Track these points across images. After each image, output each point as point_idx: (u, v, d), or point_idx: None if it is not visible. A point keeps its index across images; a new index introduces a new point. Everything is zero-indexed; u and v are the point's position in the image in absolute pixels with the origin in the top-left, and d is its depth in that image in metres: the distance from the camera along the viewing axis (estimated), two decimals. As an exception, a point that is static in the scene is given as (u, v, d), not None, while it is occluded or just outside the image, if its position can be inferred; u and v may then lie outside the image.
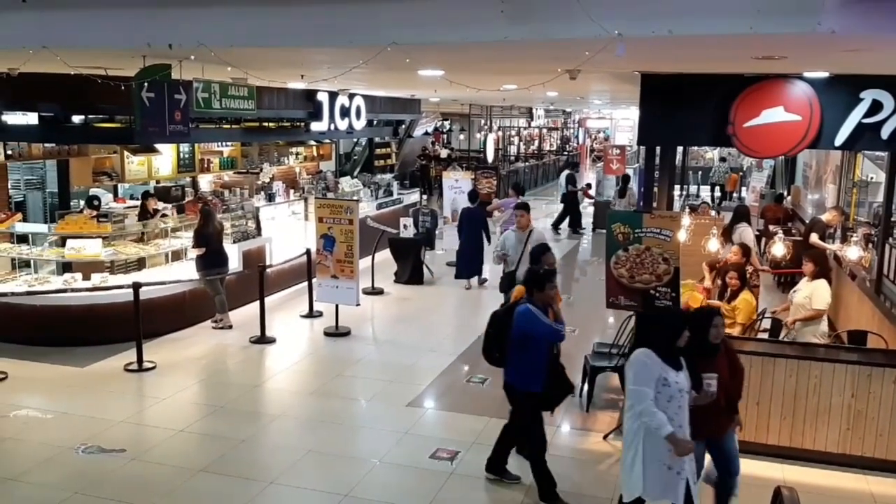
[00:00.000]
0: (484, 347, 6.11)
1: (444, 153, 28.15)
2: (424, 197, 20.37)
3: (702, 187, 24.51)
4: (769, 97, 6.48)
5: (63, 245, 9.63)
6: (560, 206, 19.55)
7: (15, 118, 10.79)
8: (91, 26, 5.92)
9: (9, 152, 10.60)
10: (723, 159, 24.16)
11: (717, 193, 23.02)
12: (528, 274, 6.06)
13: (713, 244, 7.80)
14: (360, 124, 15.61)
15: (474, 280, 12.66)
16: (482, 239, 12.46)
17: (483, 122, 26.97)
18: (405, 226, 13.21)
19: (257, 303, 9.75)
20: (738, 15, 4.56)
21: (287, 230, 12.55)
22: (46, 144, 11.10)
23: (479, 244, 12.44)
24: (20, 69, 7.77)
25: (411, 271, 12.87)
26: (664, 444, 4.57)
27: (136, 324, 8.49)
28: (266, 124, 13.55)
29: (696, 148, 25.94)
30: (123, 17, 5.81)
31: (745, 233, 9.75)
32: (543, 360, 5.81)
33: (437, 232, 14.32)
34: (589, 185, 21.32)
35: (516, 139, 33.61)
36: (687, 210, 11.89)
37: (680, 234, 6.60)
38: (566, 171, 20.13)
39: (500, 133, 29.82)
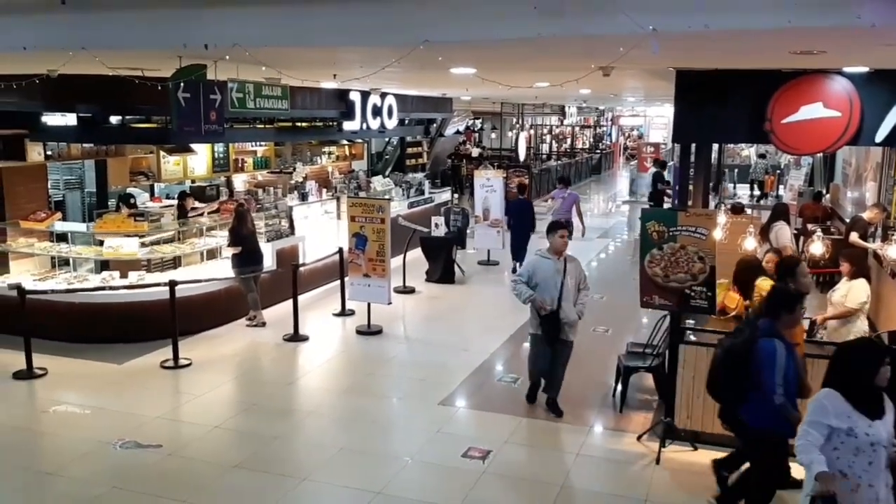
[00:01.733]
0: (710, 383, 5.33)
1: (475, 152, 28.11)
2: (456, 196, 20.36)
3: (738, 185, 24.16)
4: (808, 93, 6.35)
5: (101, 243, 9.79)
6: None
7: (54, 119, 10.99)
8: (128, 27, 6.00)
9: (48, 153, 10.80)
10: (762, 156, 23.79)
11: (756, 191, 22.68)
12: (776, 294, 5.21)
13: (750, 243, 7.66)
14: (391, 123, 15.65)
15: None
16: (529, 227, 13.42)
17: (515, 120, 26.86)
18: (436, 225, 13.22)
19: (291, 301, 9.82)
20: (776, 8, 4.47)
21: (320, 229, 12.64)
22: (85, 145, 11.29)
23: (527, 233, 13.40)
24: (59, 70, 7.92)
25: (442, 270, 12.87)
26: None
27: (172, 321, 8.61)
28: (299, 124, 13.64)
29: (731, 146, 25.60)
30: (160, 19, 5.88)
31: (782, 231, 9.58)
32: (792, 398, 4.96)
33: (468, 231, 14.31)
34: (668, 184, 20.99)
35: (548, 137, 33.44)
36: (722, 208, 11.72)
37: (716, 233, 6.50)
38: (654, 170, 19.88)
39: (531, 131, 29.70)
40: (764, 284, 7.08)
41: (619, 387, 7.61)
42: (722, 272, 6.80)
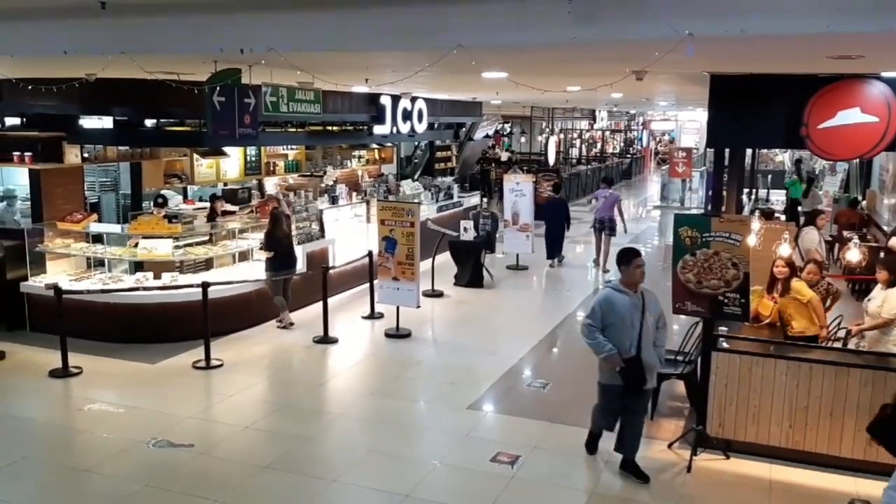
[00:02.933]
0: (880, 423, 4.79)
1: (504, 156, 28.06)
2: (485, 200, 20.36)
3: (771, 191, 23.82)
4: (845, 98, 6.26)
5: (135, 245, 9.93)
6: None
7: (91, 122, 11.21)
8: (167, 32, 6.10)
9: (85, 155, 10.99)
10: (798, 161, 23.45)
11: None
12: None
13: (784, 249, 7.55)
14: (421, 127, 15.70)
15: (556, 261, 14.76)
16: (564, 225, 14.55)
17: (544, 124, 26.77)
18: (465, 229, 13.22)
19: (320, 303, 9.89)
20: (814, 13, 4.43)
21: (349, 232, 12.70)
22: (120, 147, 11.49)
23: (562, 230, 14.57)
24: (97, 74, 8.06)
25: (471, 274, 12.87)
26: None
27: (204, 322, 8.70)
28: (330, 128, 13.75)
29: (765, 151, 25.28)
30: (197, 24, 5.97)
31: (808, 236, 9.52)
32: None
33: (497, 235, 14.30)
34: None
35: (578, 142, 33.26)
36: (756, 214, 11.59)
37: (750, 239, 6.42)
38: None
39: (561, 135, 29.58)
40: (798, 286, 7.04)
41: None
42: (756, 279, 6.72)
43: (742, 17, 4.52)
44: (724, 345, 6.76)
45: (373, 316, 10.81)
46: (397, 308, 10.10)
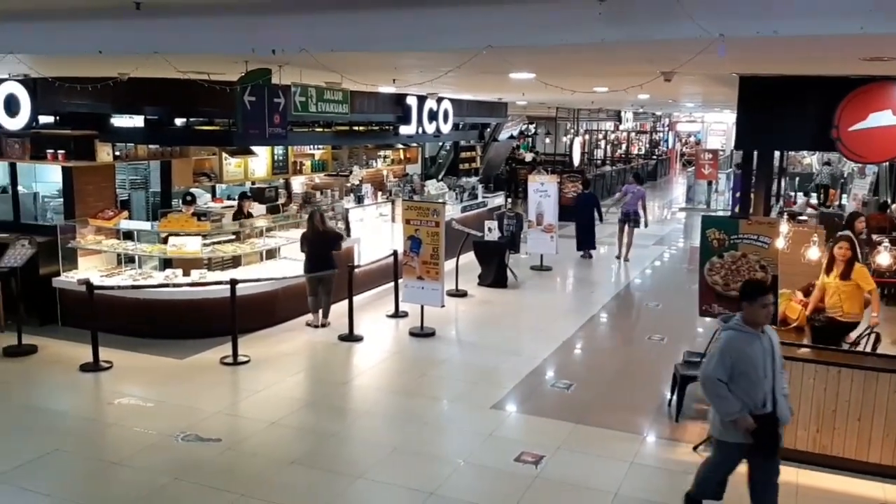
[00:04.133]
0: None
1: (528, 157, 28.02)
2: (509, 200, 20.35)
3: (798, 193, 23.54)
4: (877, 100, 6.23)
5: (165, 241, 10.08)
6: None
7: (122, 121, 11.37)
8: (200, 33, 6.18)
9: (117, 153, 11.15)
10: (827, 163, 23.14)
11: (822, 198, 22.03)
12: None
13: (814, 252, 7.49)
14: (447, 128, 15.71)
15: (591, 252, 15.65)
16: (594, 218, 15.47)
17: (569, 125, 26.68)
18: (489, 229, 13.24)
19: (346, 301, 9.96)
20: (848, 14, 4.39)
21: (375, 231, 12.77)
22: (151, 146, 11.64)
23: (592, 223, 15.46)
24: (130, 74, 8.19)
25: (495, 274, 12.88)
26: None
27: (231, 319, 8.80)
28: (356, 128, 13.82)
29: (793, 153, 24.98)
30: (230, 24, 6.05)
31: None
32: None
33: (521, 235, 14.30)
34: (808, 194, 20.39)
35: (603, 143, 33.09)
36: (784, 216, 11.49)
37: (778, 242, 6.38)
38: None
39: (586, 136, 29.46)
40: (862, 272, 6.97)
41: (675, 396, 7.51)
42: (784, 282, 6.68)
43: (775, 18, 4.50)
44: (752, 348, 6.71)
45: (397, 315, 10.87)
46: (422, 307, 10.14)
